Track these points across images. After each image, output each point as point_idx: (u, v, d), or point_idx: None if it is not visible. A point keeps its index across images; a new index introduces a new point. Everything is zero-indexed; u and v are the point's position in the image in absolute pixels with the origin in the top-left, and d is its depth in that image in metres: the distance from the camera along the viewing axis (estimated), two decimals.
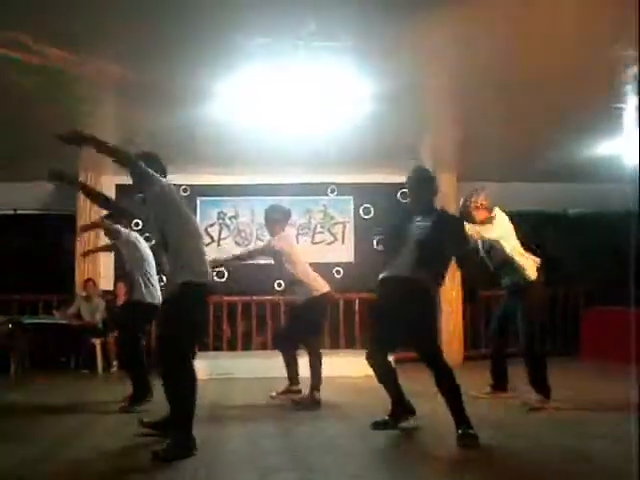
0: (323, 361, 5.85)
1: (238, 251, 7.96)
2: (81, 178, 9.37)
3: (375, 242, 9.61)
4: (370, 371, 6.43)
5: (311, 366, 5.81)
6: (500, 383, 5.80)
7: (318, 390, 5.71)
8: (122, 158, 4.07)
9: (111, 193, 9.32)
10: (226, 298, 9.23)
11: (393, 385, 4.65)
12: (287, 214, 6.17)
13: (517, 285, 5.51)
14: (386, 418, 4.64)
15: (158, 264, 5.57)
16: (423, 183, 4.64)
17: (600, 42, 5.31)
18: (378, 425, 4.60)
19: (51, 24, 4.87)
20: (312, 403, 5.64)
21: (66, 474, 3.51)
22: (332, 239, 9.95)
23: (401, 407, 4.64)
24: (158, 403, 4.59)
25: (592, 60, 5.66)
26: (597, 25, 5.02)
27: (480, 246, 5.70)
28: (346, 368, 7.76)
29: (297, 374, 5.96)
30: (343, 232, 9.97)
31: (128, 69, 5.78)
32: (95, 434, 4.53)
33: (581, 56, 5.58)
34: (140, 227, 7.63)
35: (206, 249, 4.30)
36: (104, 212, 6.04)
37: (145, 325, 6.02)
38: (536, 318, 5.51)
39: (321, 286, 5.84)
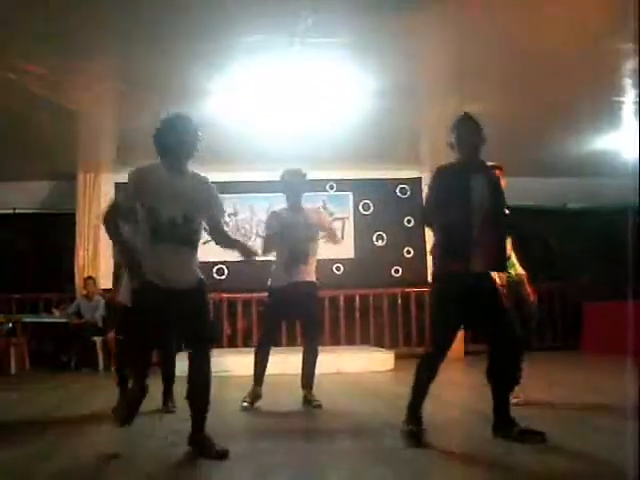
0: (322, 357, 5.64)
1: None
2: (80, 178, 9.41)
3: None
4: (374, 367, 6.16)
5: (310, 362, 5.36)
6: None
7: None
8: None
9: (110, 191, 9.32)
10: (226, 295, 9.25)
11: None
12: None
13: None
14: (411, 427, 3.85)
15: None
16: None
17: (599, 36, 5.31)
18: (412, 437, 3.80)
19: (46, 23, 4.87)
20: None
21: (66, 473, 3.51)
22: None
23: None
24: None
25: (591, 54, 5.66)
26: (596, 19, 5.01)
27: None
28: (347, 364, 7.77)
29: None
30: (343, 228, 9.96)
31: (123, 67, 5.78)
32: (94, 434, 4.53)
33: (580, 50, 5.58)
34: None
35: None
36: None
37: None
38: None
39: None
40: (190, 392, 3.68)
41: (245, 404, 5.21)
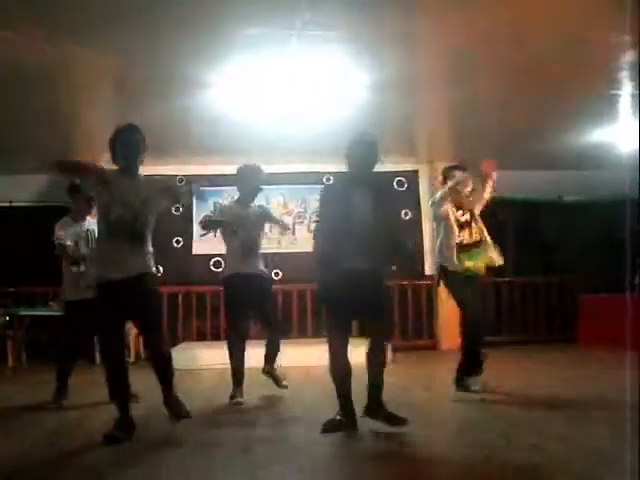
0: (318, 349, 5.69)
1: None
2: None
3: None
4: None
5: (274, 342, 5.61)
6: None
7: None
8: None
9: None
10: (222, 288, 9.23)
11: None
12: None
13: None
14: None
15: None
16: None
17: (596, 28, 5.31)
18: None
19: (46, 16, 4.86)
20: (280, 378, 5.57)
21: (62, 466, 3.51)
22: None
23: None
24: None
25: (588, 46, 5.65)
26: (594, 11, 5.01)
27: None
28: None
29: None
30: None
31: (123, 59, 5.76)
32: (91, 426, 4.53)
33: (577, 42, 5.57)
34: None
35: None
36: None
37: None
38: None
39: None
40: (155, 368, 4.18)
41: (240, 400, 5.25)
